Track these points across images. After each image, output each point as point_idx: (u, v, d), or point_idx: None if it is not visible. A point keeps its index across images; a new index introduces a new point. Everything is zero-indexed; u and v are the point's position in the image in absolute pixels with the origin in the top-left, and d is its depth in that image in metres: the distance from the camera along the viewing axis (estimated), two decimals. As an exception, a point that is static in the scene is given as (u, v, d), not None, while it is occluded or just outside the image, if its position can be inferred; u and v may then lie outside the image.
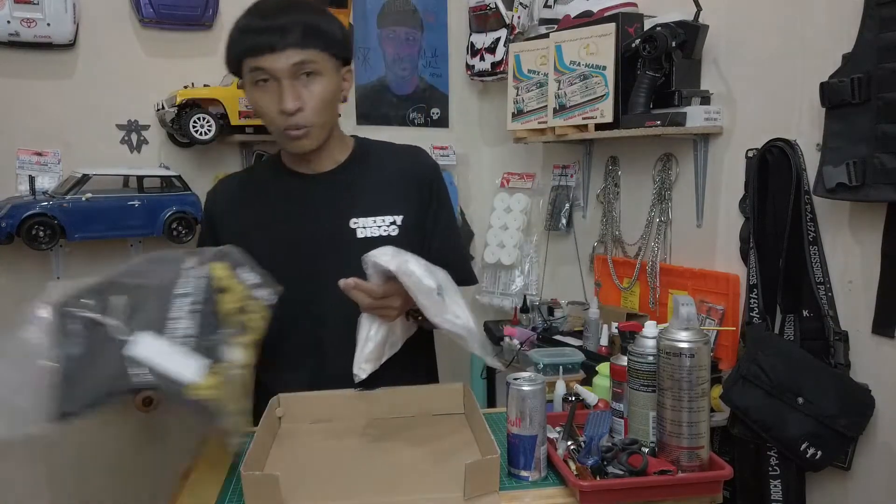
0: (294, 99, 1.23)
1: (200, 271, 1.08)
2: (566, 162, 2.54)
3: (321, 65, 1.25)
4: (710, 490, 1.01)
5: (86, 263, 2.24)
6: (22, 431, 1.06)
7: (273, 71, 1.22)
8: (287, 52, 1.22)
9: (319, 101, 1.26)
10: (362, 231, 1.33)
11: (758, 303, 1.72)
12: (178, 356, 1.03)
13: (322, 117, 1.28)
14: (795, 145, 1.67)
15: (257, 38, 1.23)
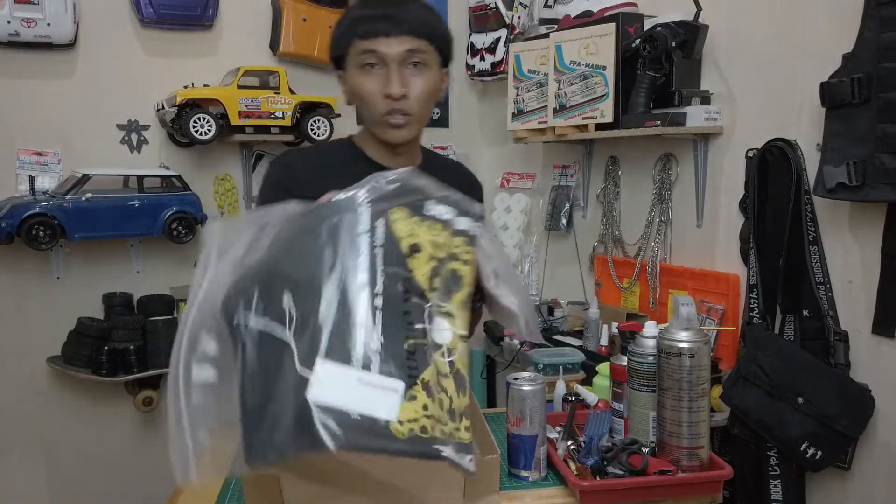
0: (401, 84, 1.24)
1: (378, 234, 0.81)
2: (566, 162, 2.54)
3: (429, 56, 1.27)
4: (710, 490, 1.01)
5: (86, 263, 2.24)
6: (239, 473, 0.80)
7: (384, 55, 1.23)
8: (401, 38, 1.23)
9: (423, 91, 1.27)
10: None
11: (758, 303, 1.72)
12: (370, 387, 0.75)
13: (423, 109, 1.29)
14: (795, 145, 1.67)
15: (373, 22, 1.24)
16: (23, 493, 2.23)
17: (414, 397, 0.75)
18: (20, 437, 2.22)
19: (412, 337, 0.78)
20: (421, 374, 0.77)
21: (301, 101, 2.27)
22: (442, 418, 0.78)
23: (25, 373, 2.20)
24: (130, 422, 2.33)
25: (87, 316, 2.16)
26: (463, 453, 0.77)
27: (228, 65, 2.30)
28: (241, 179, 2.43)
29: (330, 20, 2.42)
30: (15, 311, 2.19)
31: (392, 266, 0.79)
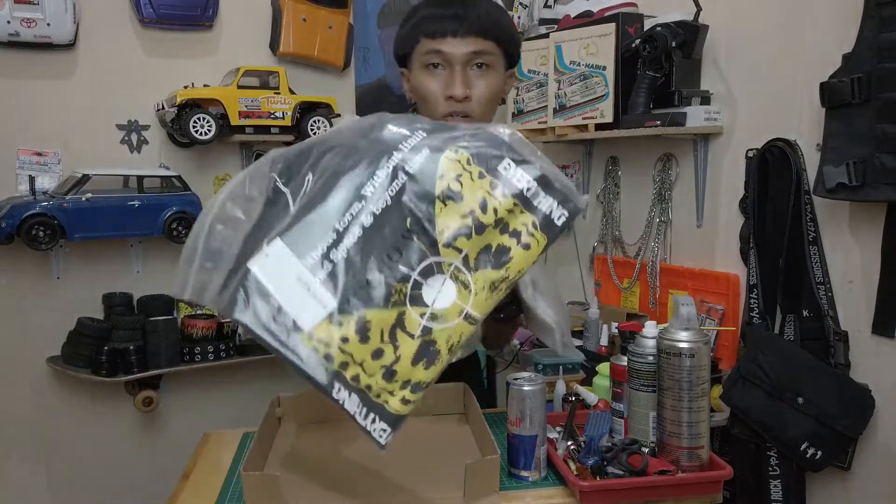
0: (464, 86, 1.23)
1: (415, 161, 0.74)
2: (566, 162, 2.54)
3: (495, 58, 1.25)
4: (710, 490, 1.01)
5: (86, 263, 2.24)
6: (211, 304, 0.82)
7: (450, 55, 1.22)
8: (468, 40, 1.22)
9: (486, 93, 1.26)
10: None
11: (758, 303, 1.72)
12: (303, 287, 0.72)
13: (484, 111, 1.28)
14: (795, 145, 1.67)
15: (441, 22, 1.22)
16: (23, 493, 2.23)
17: (340, 324, 0.72)
18: (20, 437, 2.22)
19: (383, 273, 0.73)
20: (363, 309, 0.72)
21: (301, 101, 2.27)
22: (369, 368, 0.74)
23: (25, 373, 2.20)
24: (130, 422, 2.32)
25: (87, 316, 2.16)
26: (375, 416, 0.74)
27: (228, 65, 2.29)
28: (241, 180, 2.43)
29: (330, 20, 2.43)
30: (15, 311, 2.19)
31: (409, 198, 0.74)
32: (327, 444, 1.17)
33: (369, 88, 2.63)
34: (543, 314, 1.15)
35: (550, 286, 1.21)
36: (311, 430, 1.23)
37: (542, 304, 1.16)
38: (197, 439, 1.26)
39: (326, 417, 1.26)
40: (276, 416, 1.25)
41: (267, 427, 1.16)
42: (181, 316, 2.25)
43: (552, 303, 1.17)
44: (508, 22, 1.29)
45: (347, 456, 1.13)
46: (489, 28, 1.22)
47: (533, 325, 1.19)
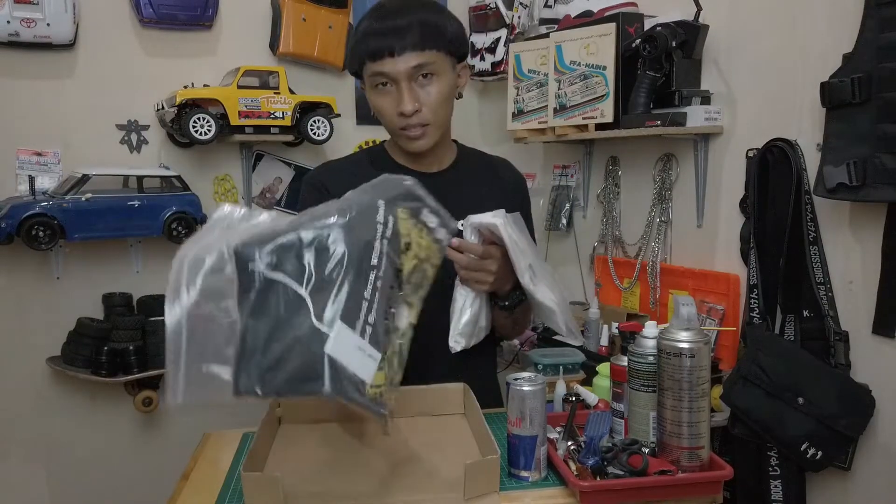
0: (412, 101, 1.25)
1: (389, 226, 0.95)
2: (566, 162, 2.54)
3: (438, 65, 1.26)
4: (711, 490, 1.01)
5: (86, 263, 2.24)
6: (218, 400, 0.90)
7: (392, 75, 1.24)
8: (405, 56, 1.23)
9: (436, 100, 1.27)
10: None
11: (758, 303, 1.72)
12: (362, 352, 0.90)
13: (438, 116, 1.30)
14: (796, 145, 1.67)
15: (377, 42, 1.24)
16: (23, 493, 2.23)
17: (381, 368, 0.90)
18: (20, 437, 2.22)
19: (388, 318, 0.94)
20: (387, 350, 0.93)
21: (301, 101, 2.27)
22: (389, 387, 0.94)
23: (25, 373, 2.20)
24: (130, 422, 2.32)
25: (87, 316, 2.16)
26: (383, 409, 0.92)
27: (228, 65, 2.30)
28: (240, 179, 2.43)
29: (330, 20, 2.43)
30: (15, 312, 2.19)
31: (392, 256, 0.94)
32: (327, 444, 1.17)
33: (369, 88, 2.63)
34: (543, 297, 1.21)
35: (547, 271, 1.25)
36: (311, 430, 1.23)
37: (541, 288, 1.21)
38: (197, 439, 1.26)
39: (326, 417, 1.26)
40: (276, 416, 1.25)
41: (267, 427, 1.15)
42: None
43: (551, 285, 1.23)
44: (446, 24, 1.28)
45: (347, 456, 1.13)
46: (425, 39, 1.23)
47: (536, 309, 1.25)
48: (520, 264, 1.18)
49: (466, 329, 1.25)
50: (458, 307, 1.25)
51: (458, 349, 1.25)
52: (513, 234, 1.19)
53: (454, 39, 1.29)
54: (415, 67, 1.24)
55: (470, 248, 1.20)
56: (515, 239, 1.18)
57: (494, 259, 1.21)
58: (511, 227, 1.19)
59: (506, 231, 1.18)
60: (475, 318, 1.26)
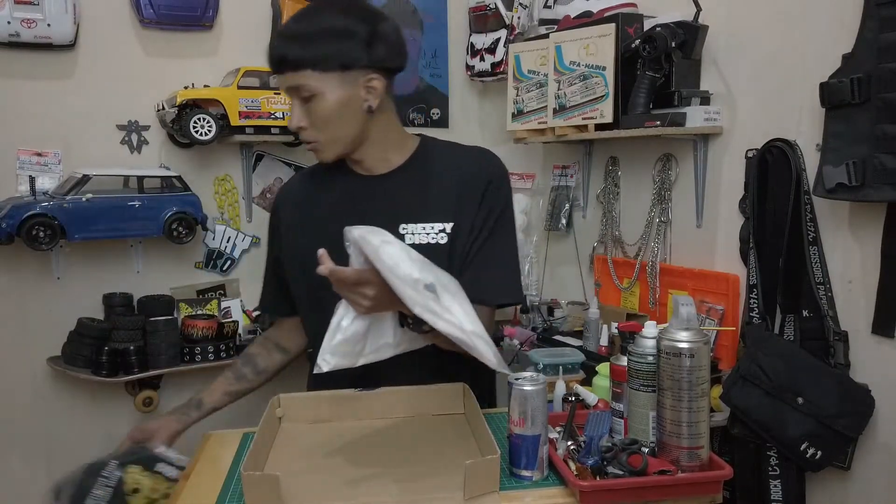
0: (296, 118, 1.27)
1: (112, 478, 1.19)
2: (566, 162, 2.54)
3: (318, 83, 1.24)
4: (710, 490, 1.01)
5: (86, 264, 2.24)
6: None
7: (283, 91, 1.28)
8: (286, 76, 1.25)
9: (319, 120, 1.26)
10: (410, 237, 1.30)
11: (758, 303, 1.72)
12: None
13: (327, 134, 1.28)
14: (795, 145, 1.68)
15: (270, 56, 1.27)
16: (23, 493, 2.23)
17: None
18: (20, 437, 2.22)
19: None
20: None
21: (301, 102, 2.27)
22: None
23: (25, 373, 2.20)
24: (130, 422, 2.32)
25: (88, 316, 2.16)
26: None
27: (228, 65, 2.30)
28: (241, 180, 2.43)
29: (330, 20, 2.44)
30: (15, 312, 2.19)
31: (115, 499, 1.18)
32: (327, 444, 1.17)
33: (369, 89, 2.63)
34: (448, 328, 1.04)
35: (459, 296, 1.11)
36: (311, 430, 1.23)
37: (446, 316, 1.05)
38: (197, 439, 1.26)
39: (326, 417, 1.26)
40: (276, 416, 1.25)
41: (267, 427, 1.16)
42: (181, 316, 2.25)
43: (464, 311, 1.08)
44: (330, 39, 1.23)
45: (347, 456, 1.13)
46: (297, 61, 1.23)
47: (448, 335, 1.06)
48: (403, 292, 1.01)
49: (341, 349, 1.09)
50: (332, 325, 1.10)
51: (325, 369, 1.08)
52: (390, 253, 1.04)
53: (336, 55, 1.23)
54: (292, 88, 1.25)
55: (338, 276, 1.04)
56: (391, 264, 1.02)
57: (371, 285, 1.05)
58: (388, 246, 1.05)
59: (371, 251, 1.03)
60: (354, 338, 1.10)
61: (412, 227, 1.31)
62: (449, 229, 1.31)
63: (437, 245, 1.30)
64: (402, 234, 1.31)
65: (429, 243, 1.30)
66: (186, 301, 2.30)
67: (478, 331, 1.07)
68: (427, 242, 1.30)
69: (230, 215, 2.43)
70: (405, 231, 1.31)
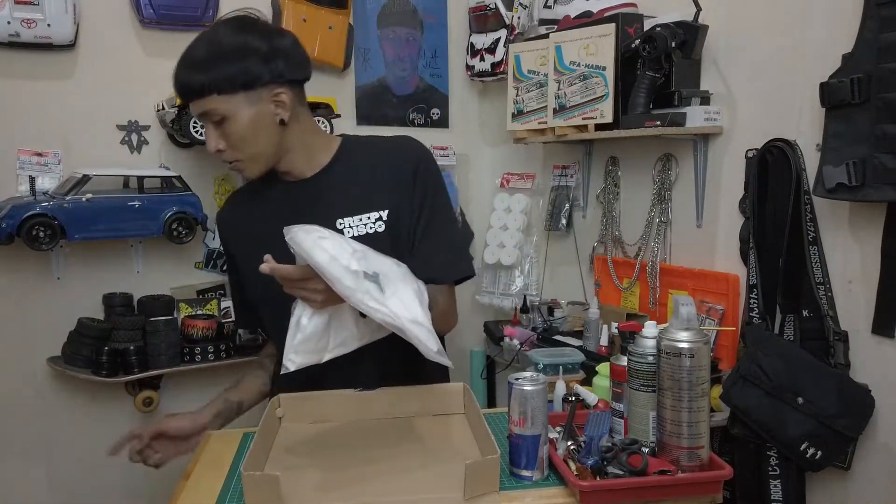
0: (213, 142, 1.29)
1: None
2: (566, 162, 2.54)
3: (225, 108, 1.26)
4: (710, 490, 1.01)
5: (86, 264, 2.24)
6: None
7: (195, 117, 1.31)
8: (194, 103, 1.27)
9: (234, 140, 1.29)
10: (349, 230, 1.34)
11: (758, 303, 1.72)
12: None
13: (246, 151, 1.31)
14: (795, 145, 1.68)
15: (175, 88, 1.29)
16: (23, 493, 2.23)
17: None
18: (20, 437, 2.22)
19: None
20: None
21: (301, 102, 2.27)
22: None
23: (25, 373, 2.20)
24: (130, 422, 2.32)
25: (88, 316, 2.16)
26: None
27: (228, 65, 2.29)
28: (241, 180, 2.43)
29: (330, 21, 2.43)
30: (15, 312, 2.19)
31: None
32: (327, 444, 1.17)
33: (369, 89, 2.63)
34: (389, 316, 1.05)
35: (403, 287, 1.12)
36: (311, 430, 1.23)
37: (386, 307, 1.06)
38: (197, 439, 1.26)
39: (326, 417, 1.26)
40: (276, 416, 1.25)
41: (267, 427, 1.16)
42: (181, 316, 2.25)
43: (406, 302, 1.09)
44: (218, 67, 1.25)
45: (347, 456, 1.13)
46: (201, 88, 1.24)
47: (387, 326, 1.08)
48: (337, 285, 1.04)
49: (303, 347, 1.12)
50: (291, 323, 1.13)
51: (291, 368, 1.10)
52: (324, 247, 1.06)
53: (236, 76, 1.25)
54: (202, 114, 1.27)
55: (281, 273, 1.09)
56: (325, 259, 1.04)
57: (318, 278, 1.07)
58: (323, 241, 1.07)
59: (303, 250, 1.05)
60: (316, 335, 1.12)
61: (349, 221, 1.34)
62: (385, 216, 1.34)
63: (375, 234, 1.34)
64: (340, 228, 1.34)
65: (367, 233, 1.33)
66: (186, 301, 2.30)
67: (419, 319, 1.08)
68: (366, 233, 1.34)
69: (230, 215, 2.43)
70: (342, 225, 1.34)
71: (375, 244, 1.24)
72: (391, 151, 1.41)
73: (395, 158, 1.39)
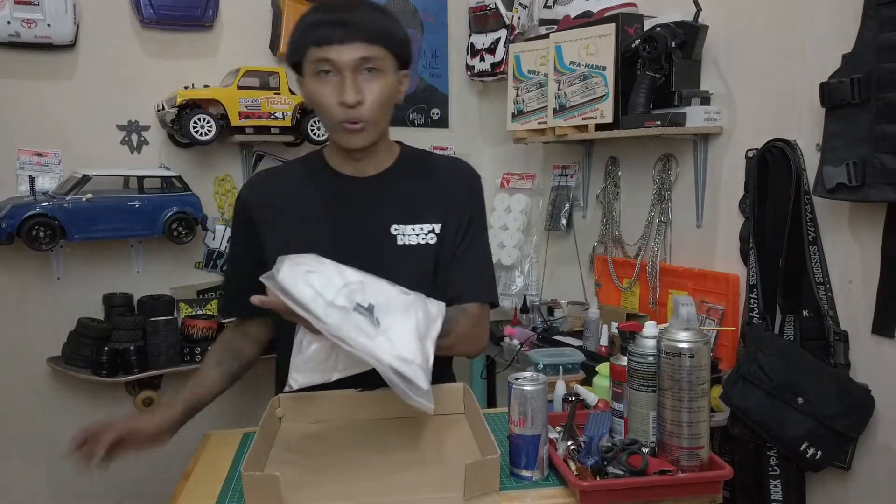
0: (355, 92, 1.23)
1: None
2: (566, 162, 2.54)
3: (384, 62, 1.25)
4: (710, 490, 1.01)
5: (86, 264, 2.24)
6: None
7: (337, 62, 1.22)
8: (354, 45, 1.22)
9: (378, 97, 1.26)
10: (402, 238, 1.33)
11: (758, 303, 1.72)
12: None
13: (378, 114, 1.28)
14: (795, 145, 1.68)
15: (325, 30, 1.22)
16: (23, 493, 2.23)
17: None
18: (20, 437, 2.22)
19: None
20: None
21: (301, 102, 2.27)
22: None
23: (25, 373, 2.21)
24: (130, 422, 2.32)
25: (88, 316, 2.16)
26: None
27: (228, 65, 2.30)
28: (241, 180, 2.43)
29: (330, 20, 2.44)
30: (15, 312, 2.19)
31: None
32: (327, 444, 1.17)
33: (369, 89, 2.63)
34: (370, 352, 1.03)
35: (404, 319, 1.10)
36: (311, 430, 1.23)
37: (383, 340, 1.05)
38: (197, 439, 1.26)
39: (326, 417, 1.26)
40: (276, 416, 1.25)
41: (267, 427, 1.16)
42: (181, 316, 2.25)
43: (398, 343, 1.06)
44: (394, 25, 1.29)
45: (347, 456, 1.13)
46: (374, 33, 1.23)
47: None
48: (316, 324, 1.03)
49: (306, 367, 1.11)
50: (295, 344, 1.13)
51: (294, 387, 1.10)
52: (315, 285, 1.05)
53: (401, 44, 1.28)
54: (361, 59, 1.23)
55: (269, 306, 1.07)
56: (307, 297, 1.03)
57: None
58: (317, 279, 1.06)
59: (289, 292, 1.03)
60: (318, 356, 1.11)
61: (403, 228, 1.34)
62: (438, 230, 1.34)
63: (426, 245, 1.33)
64: (394, 234, 1.33)
65: (419, 244, 1.33)
66: (186, 301, 2.30)
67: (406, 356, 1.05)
68: (417, 243, 1.33)
69: (230, 215, 2.43)
70: (397, 232, 1.33)
71: (423, 256, 1.29)
72: (449, 169, 1.42)
73: (453, 176, 1.40)
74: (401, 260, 1.31)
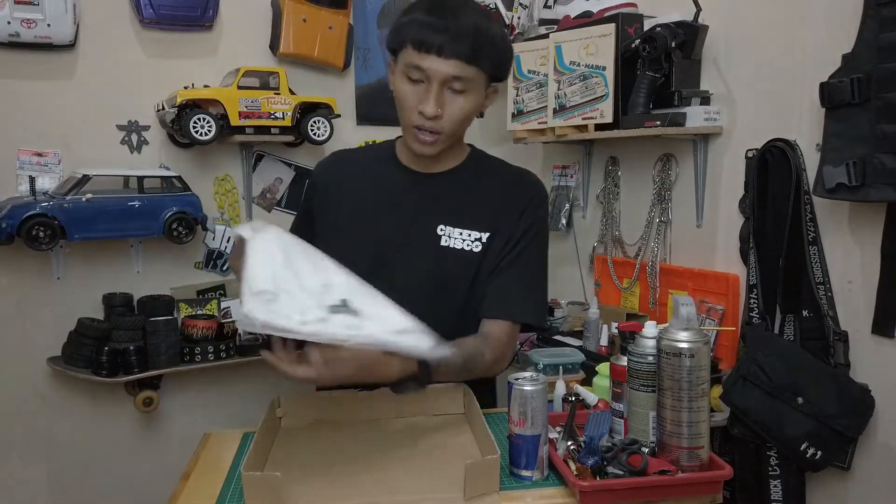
0: (437, 106, 1.23)
1: None
2: (566, 162, 2.54)
3: (474, 83, 1.25)
4: (710, 490, 1.02)
5: (86, 264, 2.24)
6: None
7: (429, 73, 1.21)
8: (450, 62, 1.20)
9: (459, 114, 1.26)
10: (446, 240, 1.33)
11: (758, 303, 1.72)
12: None
13: (455, 128, 1.28)
14: (795, 145, 1.68)
15: (428, 35, 1.20)
16: (23, 493, 2.23)
17: None
18: (20, 437, 2.22)
19: None
20: None
21: (301, 102, 2.27)
22: None
23: (25, 373, 2.20)
24: (130, 422, 2.32)
25: (88, 316, 2.16)
26: None
27: (228, 65, 2.30)
28: (241, 180, 2.43)
29: (330, 21, 2.43)
30: (15, 312, 2.19)
31: None
32: (327, 444, 1.17)
33: (369, 89, 2.63)
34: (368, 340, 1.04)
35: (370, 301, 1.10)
36: (311, 430, 1.23)
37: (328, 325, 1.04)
38: (197, 439, 1.26)
39: (326, 417, 1.26)
40: (276, 416, 1.25)
41: (267, 427, 1.16)
42: (181, 316, 2.25)
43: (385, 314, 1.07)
44: (497, 40, 1.26)
45: (347, 456, 1.13)
46: (473, 53, 1.21)
47: None
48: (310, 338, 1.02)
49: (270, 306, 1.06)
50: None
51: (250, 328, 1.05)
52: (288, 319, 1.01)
53: (500, 63, 1.28)
54: (453, 77, 1.22)
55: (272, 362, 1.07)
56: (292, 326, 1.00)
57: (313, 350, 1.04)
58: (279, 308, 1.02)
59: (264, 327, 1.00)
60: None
61: (450, 231, 1.33)
62: (485, 239, 1.33)
63: (470, 252, 1.32)
64: (440, 234, 1.33)
65: (462, 249, 1.32)
66: (186, 301, 2.30)
67: (400, 326, 1.07)
68: (462, 248, 1.32)
69: (230, 215, 2.43)
70: (443, 232, 1.33)
71: (466, 263, 1.29)
72: (513, 178, 1.41)
73: (514, 186, 1.39)
74: (439, 262, 1.31)
